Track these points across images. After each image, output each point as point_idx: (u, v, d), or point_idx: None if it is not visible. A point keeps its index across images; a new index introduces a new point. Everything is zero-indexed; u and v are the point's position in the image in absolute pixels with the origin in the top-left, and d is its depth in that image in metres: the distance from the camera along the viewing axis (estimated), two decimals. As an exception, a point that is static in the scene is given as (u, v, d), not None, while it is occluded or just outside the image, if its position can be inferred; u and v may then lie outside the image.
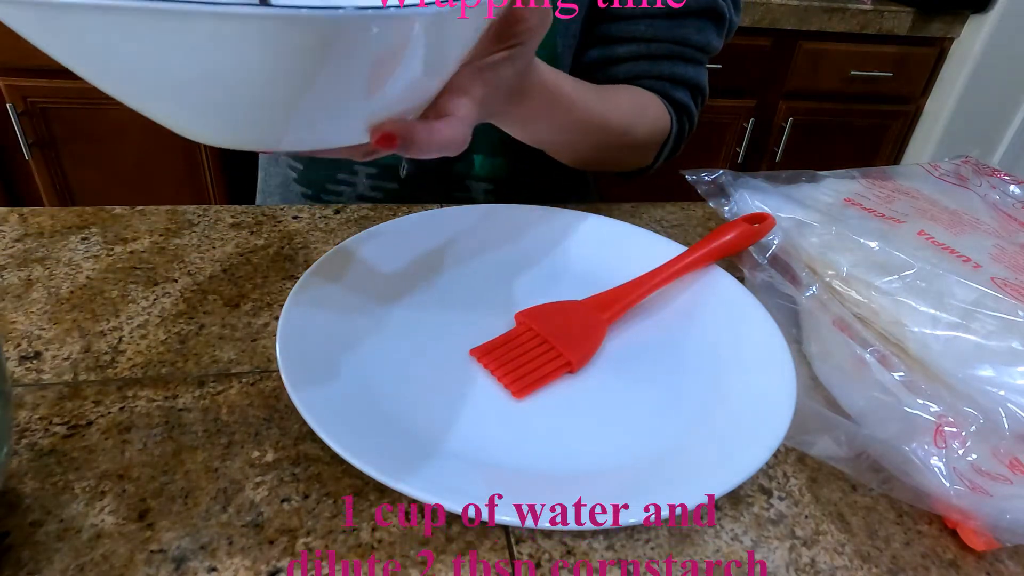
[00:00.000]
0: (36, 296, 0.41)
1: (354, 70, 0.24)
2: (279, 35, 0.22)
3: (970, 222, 0.44)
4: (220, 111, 0.26)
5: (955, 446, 0.31)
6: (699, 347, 0.40)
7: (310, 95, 0.25)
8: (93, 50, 0.23)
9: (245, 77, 0.23)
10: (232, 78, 0.24)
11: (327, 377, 0.34)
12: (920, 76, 1.65)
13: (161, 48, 0.22)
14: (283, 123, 0.27)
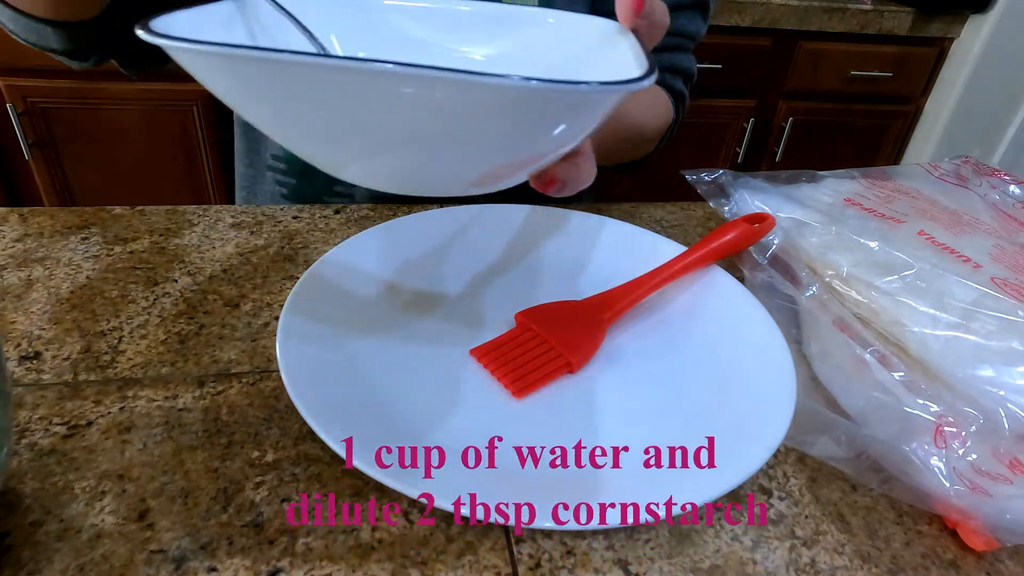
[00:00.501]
0: (36, 296, 0.41)
1: (567, 132, 0.25)
2: (528, 103, 0.22)
3: (970, 222, 0.44)
4: (417, 166, 0.27)
5: (955, 446, 0.31)
6: (699, 347, 0.40)
7: (514, 152, 0.26)
8: (304, 103, 0.23)
9: (466, 138, 0.24)
10: (447, 137, 0.24)
11: (327, 377, 0.34)
12: (920, 76, 1.65)
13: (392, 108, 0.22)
14: (475, 175, 0.27)
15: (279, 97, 0.23)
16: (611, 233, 0.49)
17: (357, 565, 0.28)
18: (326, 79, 0.21)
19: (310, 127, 0.25)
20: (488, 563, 0.28)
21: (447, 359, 0.38)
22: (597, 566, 0.29)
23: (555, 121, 0.24)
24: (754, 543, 0.31)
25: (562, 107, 0.23)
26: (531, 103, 0.23)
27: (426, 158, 0.26)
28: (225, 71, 0.23)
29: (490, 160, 0.26)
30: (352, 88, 0.22)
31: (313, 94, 0.22)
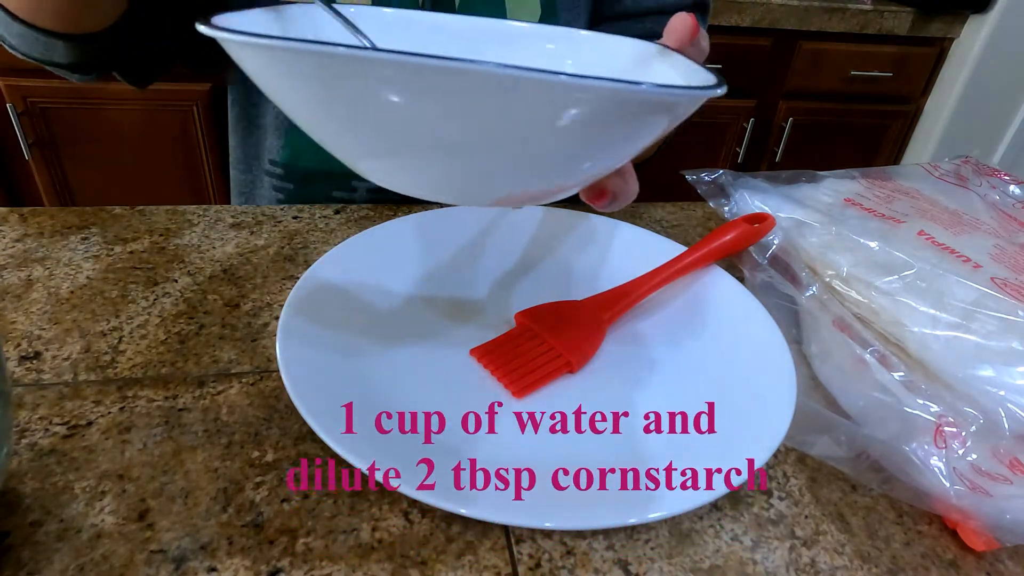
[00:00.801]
0: (36, 296, 0.41)
1: (644, 139, 0.25)
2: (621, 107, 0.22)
3: (970, 222, 0.44)
4: (480, 172, 0.26)
5: (955, 446, 0.31)
6: (699, 347, 0.40)
7: (590, 158, 0.26)
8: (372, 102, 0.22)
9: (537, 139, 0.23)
10: (518, 140, 0.23)
11: (327, 377, 0.34)
12: (920, 76, 1.65)
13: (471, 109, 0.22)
14: (527, 184, 0.27)
15: (351, 97, 0.22)
16: (611, 233, 0.49)
17: (357, 565, 0.28)
18: (419, 78, 0.21)
19: (383, 130, 0.24)
20: (488, 563, 0.28)
21: (447, 359, 0.38)
22: (597, 566, 0.29)
23: (641, 126, 0.24)
24: (754, 543, 0.31)
25: (650, 111, 0.23)
26: (625, 107, 0.22)
27: (499, 165, 0.25)
28: (309, 71, 0.22)
29: (567, 168, 0.26)
30: (447, 88, 0.21)
31: (396, 94, 0.21)
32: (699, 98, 0.23)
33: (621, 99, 0.22)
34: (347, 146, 0.26)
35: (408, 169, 0.26)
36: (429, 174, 0.26)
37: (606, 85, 0.21)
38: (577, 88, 0.21)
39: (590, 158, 0.26)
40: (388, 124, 0.23)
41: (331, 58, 0.21)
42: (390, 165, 0.26)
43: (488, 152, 0.24)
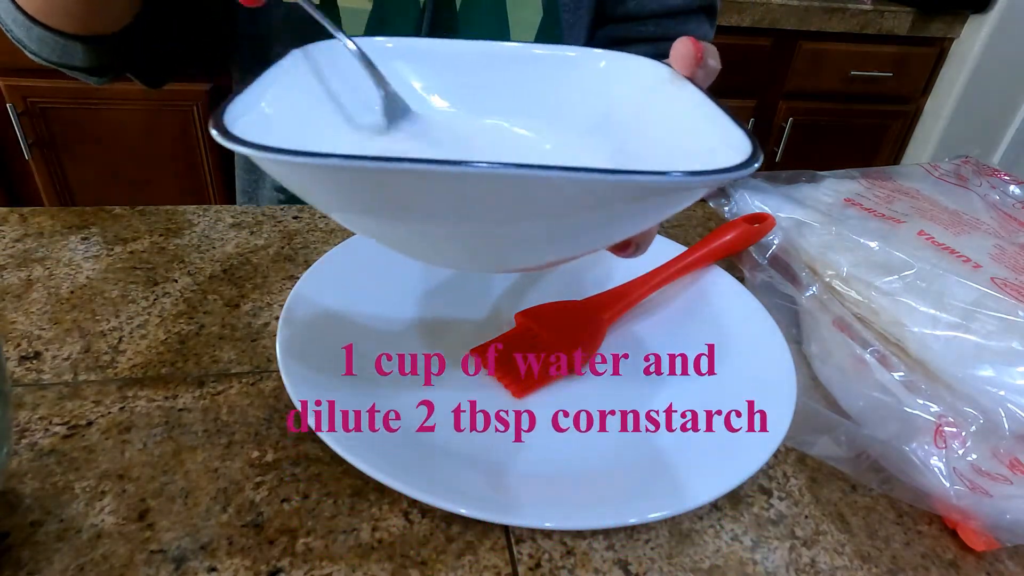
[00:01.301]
0: (36, 296, 0.41)
1: (664, 212, 0.26)
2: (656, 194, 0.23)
3: (970, 222, 0.44)
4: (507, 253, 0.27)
5: (955, 446, 0.31)
6: (699, 347, 0.40)
7: (608, 235, 0.26)
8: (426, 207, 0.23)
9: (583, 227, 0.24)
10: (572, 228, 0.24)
11: (327, 377, 0.34)
12: (920, 76, 1.65)
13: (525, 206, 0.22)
14: (565, 254, 0.28)
15: (386, 201, 0.23)
16: (611, 233, 0.49)
17: (357, 565, 0.28)
18: (446, 186, 0.21)
19: (419, 229, 0.24)
20: (488, 563, 0.28)
21: (447, 359, 0.38)
22: (597, 566, 0.29)
23: (668, 203, 0.25)
24: (754, 543, 0.31)
25: (677, 192, 0.23)
26: (647, 194, 0.23)
27: (522, 245, 0.26)
28: (335, 183, 0.22)
29: (591, 243, 0.27)
30: (484, 192, 0.21)
31: (419, 197, 0.22)
32: (728, 180, 0.23)
33: (647, 189, 0.22)
34: (365, 230, 0.27)
35: (437, 252, 0.27)
36: (451, 253, 0.28)
37: (635, 180, 0.21)
38: (608, 185, 0.21)
39: (612, 233, 0.26)
40: (412, 223, 0.24)
41: (349, 171, 0.21)
42: (417, 250, 0.27)
43: (509, 239, 0.25)
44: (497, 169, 0.20)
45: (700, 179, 0.22)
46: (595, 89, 0.35)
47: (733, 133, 0.26)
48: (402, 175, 0.21)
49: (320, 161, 0.20)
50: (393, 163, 0.20)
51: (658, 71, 0.33)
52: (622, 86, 0.34)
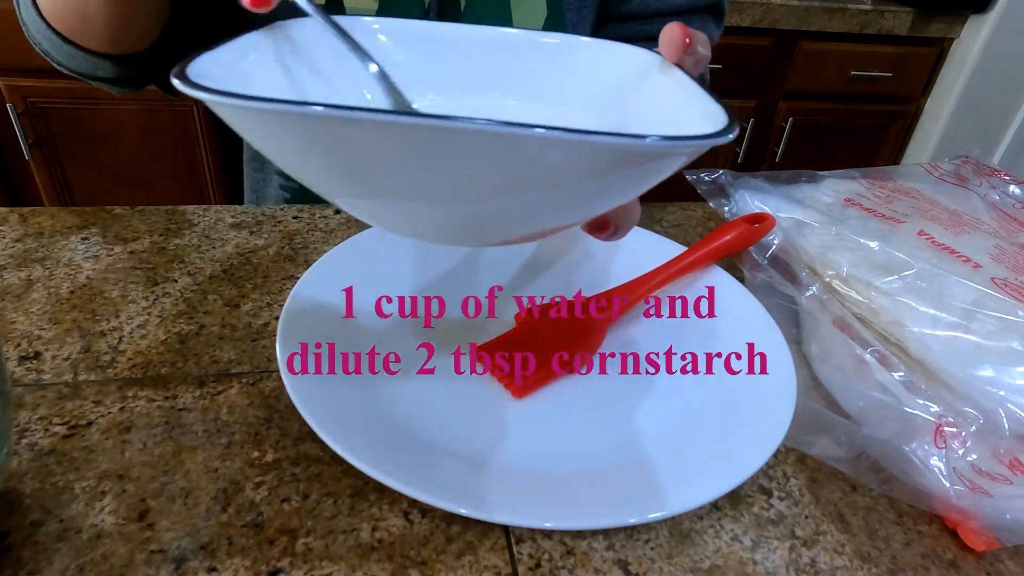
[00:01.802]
0: (36, 296, 0.41)
1: (639, 184, 0.24)
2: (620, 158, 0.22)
3: (970, 222, 0.44)
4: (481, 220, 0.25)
5: (955, 446, 0.31)
6: (699, 347, 0.40)
7: (590, 205, 0.25)
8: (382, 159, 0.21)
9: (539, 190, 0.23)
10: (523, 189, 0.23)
11: (327, 377, 0.34)
12: (920, 76, 1.65)
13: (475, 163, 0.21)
14: (546, 227, 0.27)
15: (341, 152, 0.21)
16: (611, 233, 0.49)
17: (357, 565, 0.28)
18: (401, 137, 0.20)
19: (373, 183, 0.23)
20: (488, 563, 0.28)
21: (447, 359, 0.38)
22: (597, 566, 0.29)
23: (644, 173, 0.23)
24: (754, 543, 0.31)
25: (654, 159, 0.22)
26: (625, 158, 0.22)
27: (494, 215, 0.25)
28: (282, 128, 0.21)
29: (566, 214, 0.26)
30: (433, 146, 0.20)
31: (382, 150, 0.20)
32: (704, 147, 0.22)
33: (624, 153, 0.21)
34: (334, 192, 0.25)
35: (399, 214, 0.26)
36: (423, 221, 0.26)
37: (610, 141, 0.20)
38: (580, 144, 0.20)
39: (588, 204, 0.25)
40: (376, 177, 0.22)
41: (312, 119, 0.19)
42: (376, 210, 0.26)
43: (482, 203, 0.24)
44: (468, 124, 0.19)
45: (675, 144, 0.21)
46: (584, 75, 0.35)
47: (712, 109, 0.25)
48: (363, 125, 0.19)
49: (276, 107, 0.19)
50: (353, 112, 0.18)
51: (647, 58, 0.33)
52: (610, 73, 0.34)
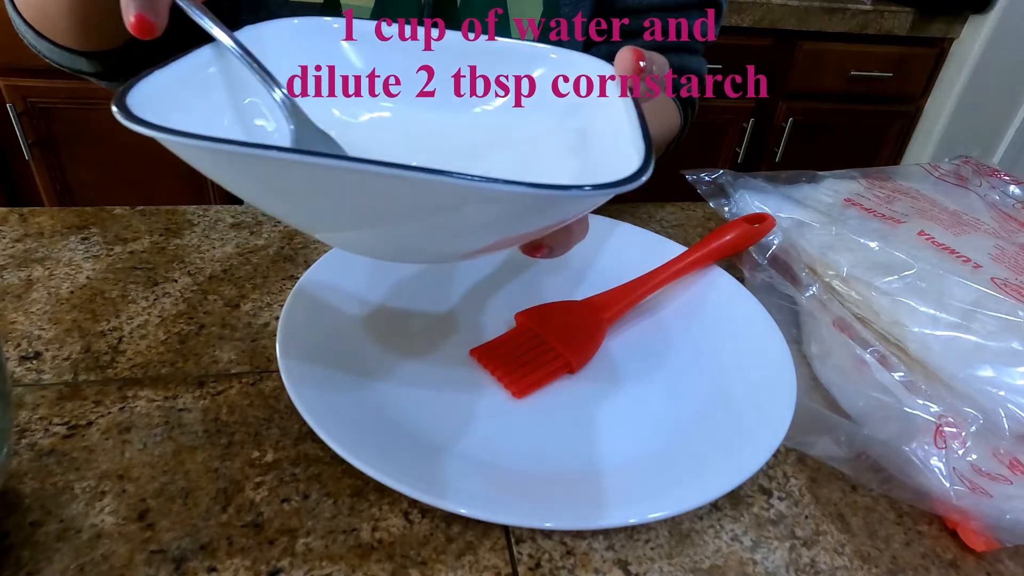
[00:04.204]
0: (36, 296, 0.41)
1: (554, 222, 0.26)
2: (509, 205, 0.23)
3: (970, 222, 0.44)
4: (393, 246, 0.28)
5: (955, 446, 0.31)
6: (699, 347, 0.40)
7: (504, 235, 0.26)
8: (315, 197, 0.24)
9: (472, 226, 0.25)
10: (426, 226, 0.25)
11: (327, 377, 0.34)
12: (920, 76, 1.65)
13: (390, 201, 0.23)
14: (460, 255, 0.29)
15: (253, 182, 0.24)
16: (611, 233, 0.49)
17: (357, 565, 0.28)
18: (295, 174, 0.22)
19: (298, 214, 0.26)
20: (488, 563, 0.28)
21: (447, 359, 0.38)
22: (597, 566, 0.29)
23: (540, 217, 0.25)
24: (754, 543, 0.31)
25: (547, 208, 0.24)
26: (512, 205, 0.23)
27: (407, 241, 0.27)
28: (196, 156, 0.23)
29: (473, 245, 0.27)
30: (322, 182, 0.22)
31: (289, 185, 0.23)
32: (599, 197, 0.23)
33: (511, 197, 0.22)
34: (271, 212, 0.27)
35: (320, 234, 0.28)
36: (335, 239, 0.29)
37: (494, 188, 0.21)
38: (483, 192, 0.21)
39: (480, 238, 0.26)
40: (294, 206, 0.25)
41: (225, 155, 0.22)
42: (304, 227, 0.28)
43: (393, 234, 0.26)
44: (356, 166, 0.20)
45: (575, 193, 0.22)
46: (538, 96, 0.36)
47: (639, 147, 0.27)
48: (249, 160, 0.21)
49: (189, 142, 0.21)
50: (256, 149, 0.21)
51: (607, 72, 0.34)
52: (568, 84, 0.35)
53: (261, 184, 0.24)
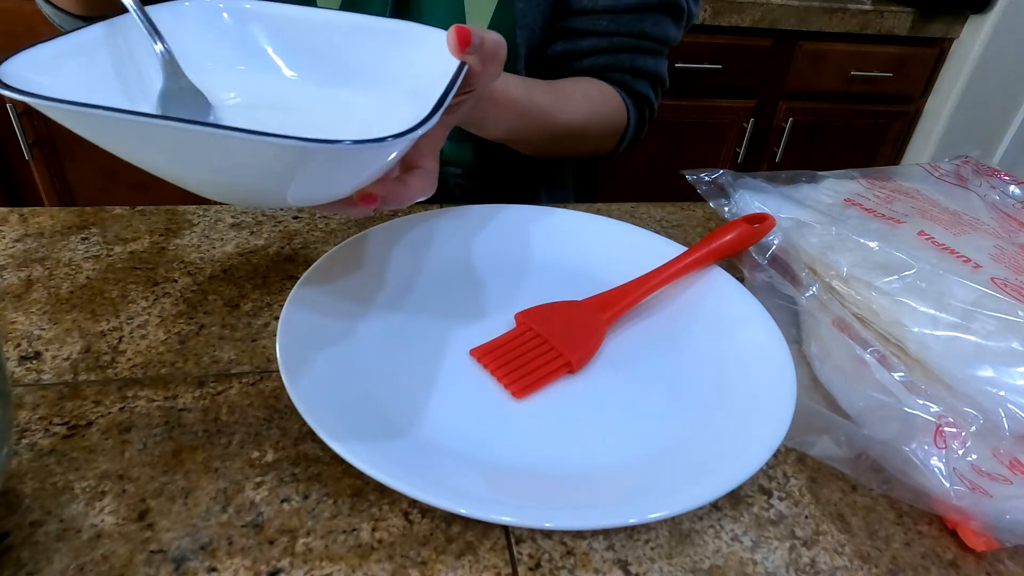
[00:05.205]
0: (36, 296, 0.41)
1: (348, 173, 0.31)
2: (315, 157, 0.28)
3: (970, 222, 0.44)
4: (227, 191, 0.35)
5: (955, 446, 0.31)
6: (699, 347, 0.40)
7: (312, 186, 0.31)
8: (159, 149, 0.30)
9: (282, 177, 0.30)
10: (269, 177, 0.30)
11: (327, 377, 0.34)
12: (920, 76, 1.65)
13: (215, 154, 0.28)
14: (286, 198, 0.33)
15: (111, 139, 0.30)
16: (611, 233, 0.49)
17: (357, 565, 0.28)
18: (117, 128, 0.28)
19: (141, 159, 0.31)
20: (488, 563, 0.28)
21: (447, 359, 0.38)
22: (597, 566, 0.29)
23: (326, 168, 0.29)
24: (754, 543, 0.31)
25: (320, 159, 0.28)
26: (277, 157, 0.27)
27: (232, 187, 0.33)
28: (61, 118, 0.28)
29: (284, 194, 0.31)
30: (133, 134, 0.28)
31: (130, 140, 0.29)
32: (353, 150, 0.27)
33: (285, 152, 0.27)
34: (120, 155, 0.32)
35: (170, 177, 0.33)
36: (189, 184, 0.33)
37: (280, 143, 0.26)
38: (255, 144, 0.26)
39: (300, 185, 0.30)
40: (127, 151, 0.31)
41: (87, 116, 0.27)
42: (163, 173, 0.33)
43: (230, 183, 0.32)
44: (175, 125, 0.26)
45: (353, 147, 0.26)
46: (413, 56, 0.40)
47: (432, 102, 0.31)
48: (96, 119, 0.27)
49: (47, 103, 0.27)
50: (87, 108, 0.26)
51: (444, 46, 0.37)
52: (429, 56, 0.38)
53: (110, 139, 0.30)
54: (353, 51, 0.42)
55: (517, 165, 0.64)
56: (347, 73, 0.42)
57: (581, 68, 0.60)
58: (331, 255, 0.42)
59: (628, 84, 0.61)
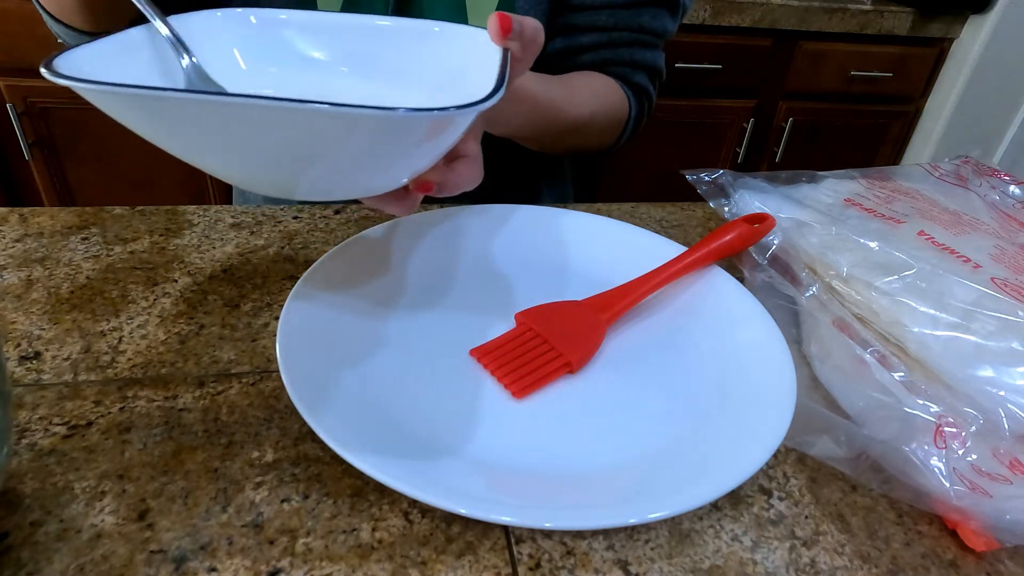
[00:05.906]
0: (36, 296, 0.41)
1: (420, 150, 0.30)
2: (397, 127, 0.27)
3: (970, 222, 0.44)
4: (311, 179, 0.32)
5: (955, 446, 0.31)
6: (699, 347, 0.40)
7: (385, 165, 0.30)
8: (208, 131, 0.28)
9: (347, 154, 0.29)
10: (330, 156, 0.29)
11: (327, 377, 0.34)
12: (920, 76, 1.65)
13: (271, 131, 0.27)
14: (357, 182, 0.33)
15: (164, 126, 0.28)
16: (611, 233, 0.49)
17: (357, 565, 0.28)
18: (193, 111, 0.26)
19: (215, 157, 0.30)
20: (488, 563, 0.28)
21: (447, 359, 0.38)
22: (597, 566, 0.29)
23: (393, 143, 0.28)
24: (754, 543, 0.31)
25: (395, 131, 0.27)
26: (362, 128, 0.26)
27: (298, 173, 0.31)
28: (108, 104, 0.27)
29: (355, 178, 0.31)
30: (206, 116, 0.26)
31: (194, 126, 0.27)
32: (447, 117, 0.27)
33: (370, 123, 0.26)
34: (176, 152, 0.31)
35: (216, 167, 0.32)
36: (231, 174, 0.33)
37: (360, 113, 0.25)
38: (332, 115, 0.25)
39: (373, 168, 0.30)
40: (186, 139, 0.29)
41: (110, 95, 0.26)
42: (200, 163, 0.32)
43: (283, 165, 0.30)
44: (241, 100, 0.25)
45: (423, 115, 0.25)
46: (439, 54, 0.41)
47: (492, 81, 0.30)
48: (163, 101, 0.26)
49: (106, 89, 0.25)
50: (154, 91, 0.25)
51: (483, 37, 0.36)
52: (456, 57, 0.39)
53: (163, 124, 0.28)
54: (382, 51, 0.42)
55: (519, 160, 0.64)
56: (377, 70, 0.42)
57: (581, 63, 0.60)
58: (331, 255, 0.42)
59: (627, 77, 0.61)
